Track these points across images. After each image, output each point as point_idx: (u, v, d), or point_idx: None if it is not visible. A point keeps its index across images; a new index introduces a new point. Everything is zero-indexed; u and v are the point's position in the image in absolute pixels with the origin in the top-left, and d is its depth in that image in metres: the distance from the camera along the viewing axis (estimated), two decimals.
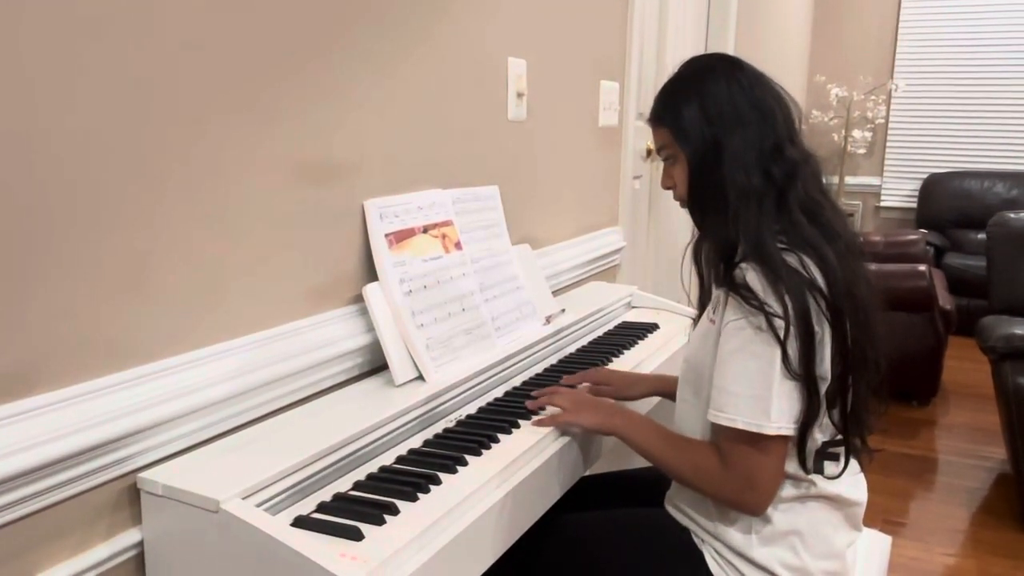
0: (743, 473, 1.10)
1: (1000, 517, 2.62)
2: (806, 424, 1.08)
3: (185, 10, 1.00)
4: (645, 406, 1.59)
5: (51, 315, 0.89)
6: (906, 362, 3.24)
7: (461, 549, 0.98)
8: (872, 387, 1.15)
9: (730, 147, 1.14)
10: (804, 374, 1.06)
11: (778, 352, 1.05)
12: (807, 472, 1.13)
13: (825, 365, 1.08)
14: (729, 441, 1.10)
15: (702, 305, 1.26)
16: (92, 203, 0.91)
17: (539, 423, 1.26)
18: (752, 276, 1.08)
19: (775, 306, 1.05)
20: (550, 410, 1.29)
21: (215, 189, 1.07)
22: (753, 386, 1.06)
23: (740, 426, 1.07)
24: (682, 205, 1.24)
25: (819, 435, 1.12)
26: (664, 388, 1.44)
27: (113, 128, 0.93)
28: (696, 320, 1.29)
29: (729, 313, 1.10)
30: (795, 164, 1.14)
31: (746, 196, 1.12)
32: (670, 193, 1.26)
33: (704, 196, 1.18)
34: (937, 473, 2.99)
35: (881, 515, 2.57)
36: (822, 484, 1.15)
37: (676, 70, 1.24)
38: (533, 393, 1.33)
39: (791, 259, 1.08)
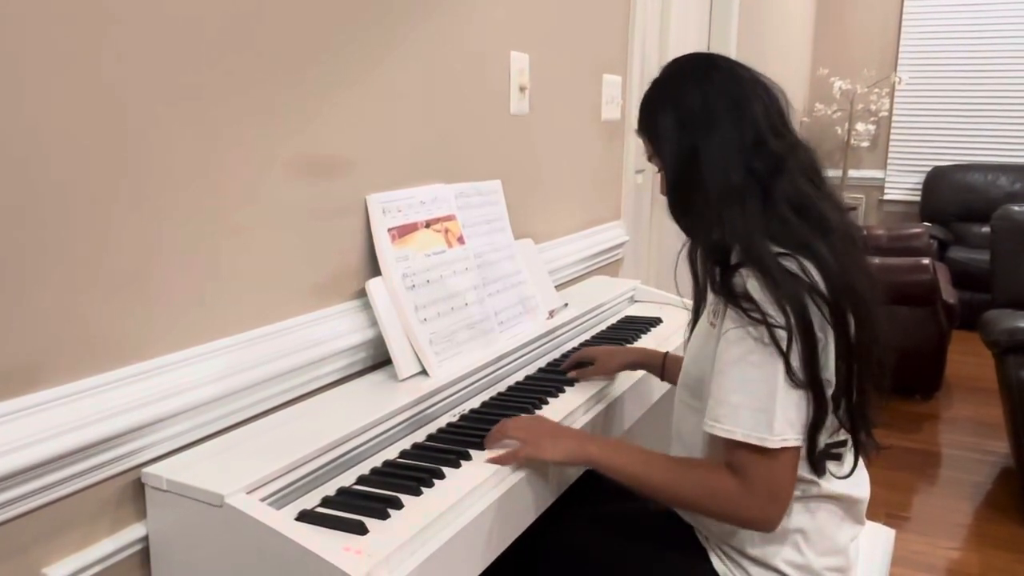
0: (765, 489, 1.04)
1: (1003, 511, 2.62)
2: (813, 429, 1.05)
3: (183, 4, 1.00)
4: (642, 405, 1.59)
5: (55, 312, 0.89)
6: (909, 356, 3.24)
7: (465, 543, 0.98)
8: (874, 382, 1.12)
9: (707, 149, 1.11)
10: (809, 381, 1.03)
11: (780, 363, 1.01)
12: (818, 474, 1.11)
13: (830, 368, 1.05)
14: (743, 459, 1.04)
15: (696, 307, 1.24)
16: (93, 200, 0.92)
17: (494, 461, 1.11)
18: (752, 284, 1.04)
19: (776, 316, 1.02)
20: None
21: (217, 185, 1.07)
22: (755, 397, 1.03)
23: (739, 438, 1.03)
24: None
25: (822, 436, 1.09)
26: (646, 360, 1.42)
27: (113, 126, 0.93)
28: (691, 322, 1.27)
29: (728, 321, 1.06)
30: (779, 157, 1.11)
31: (728, 196, 1.09)
32: None
33: (686, 201, 1.16)
34: (940, 467, 2.98)
35: (884, 509, 2.58)
36: (826, 485, 1.13)
37: (655, 76, 1.23)
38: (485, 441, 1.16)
39: (790, 264, 1.05)
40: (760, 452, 1.03)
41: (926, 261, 3.39)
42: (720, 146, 1.11)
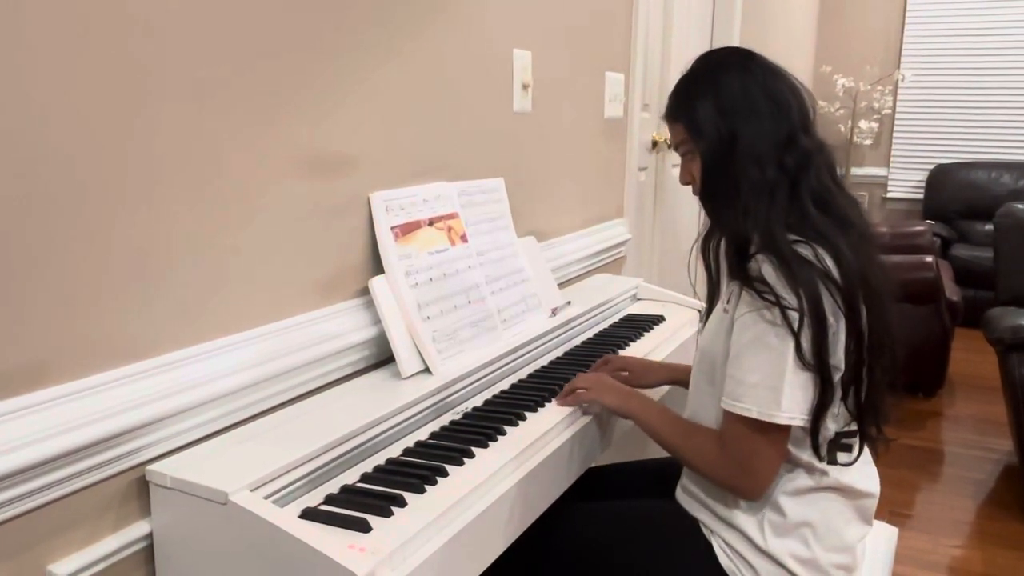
0: (738, 458, 1.12)
1: (1006, 508, 2.62)
2: (819, 413, 1.08)
3: (185, 4, 1.00)
4: (657, 391, 1.59)
5: (60, 309, 0.89)
6: (912, 354, 3.23)
7: (468, 540, 0.98)
8: (887, 375, 1.15)
9: (744, 139, 1.14)
10: (817, 364, 1.06)
11: (791, 344, 1.06)
12: (821, 461, 1.14)
13: (839, 355, 1.09)
14: (731, 427, 1.12)
15: (710, 298, 1.27)
16: (99, 198, 0.92)
17: (563, 402, 1.31)
18: (767, 269, 1.08)
19: (789, 298, 1.06)
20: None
21: (221, 183, 1.07)
22: (766, 376, 1.07)
23: (755, 415, 1.08)
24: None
25: (832, 424, 1.12)
26: (678, 376, 1.47)
27: (120, 125, 0.93)
28: (705, 313, 1.29)
29: (743, 306, 1.11)
30: (809, 154, 1.15)
31: (758, 188, 1.13)
32: (676, 184, 1.27)
33: (718, 189, 1.19)
34: (943, 465, 2.98)
35: (887, 507, 2.57)
36: (835, 474, 1.15)
37: (690, 66, 1.25)
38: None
39: (805, 251, 1.09)
40: (752, 426, 1.09)
41: (929, 259, 3.39)
42: (757, 137, 1.14)
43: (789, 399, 1.06)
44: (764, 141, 1.14)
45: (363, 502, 0.97)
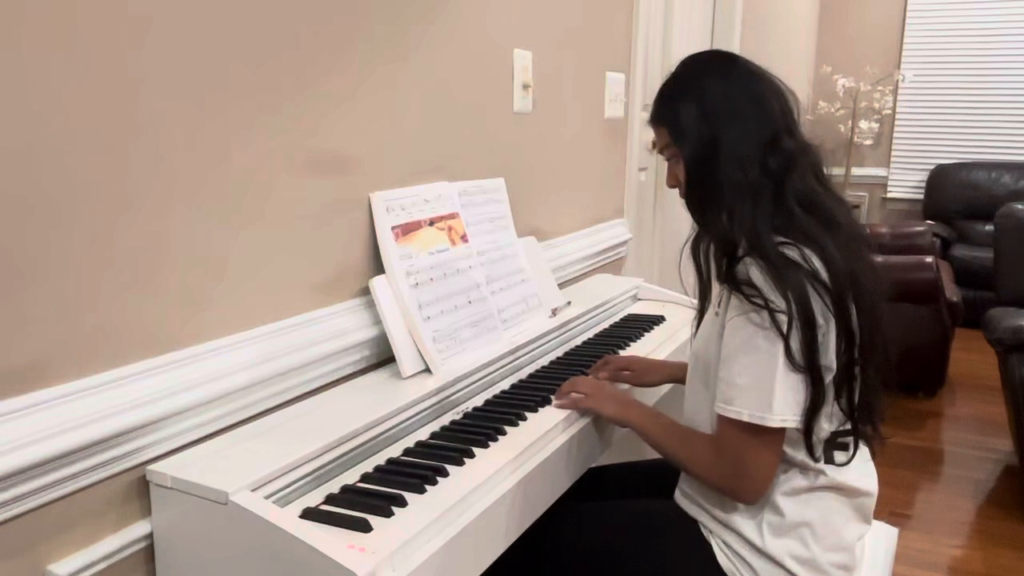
0: (733, 462, 1.12)
1: (1006, 508, 2.62)
2: (811, 414, 1.08)
3: (188, 4, 1.00)
4: (657, 391, 1.60)
5: (61, 309, 0.89)
6: (913, 354, 3.24)
7: (469, 540, 0.98)
8: (881, 374, 1.15)
9: (727, 142, 1.14)
10: (808, 366, 1.07)
11: (781, 346, 1.06)
12: (816, 461, 1.13)
13: (830, 355, 1.09)
14: (724, 431, 1.12)
15: (702, 300, 1.26)
16: (100, 197, 0.92)
17: (562, 406, 1.30)
18: (755, 272, 1.08)
19: (777, 301, 1.06)
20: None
21: (222, 182, 1.07)
22: (757, 379, 1.07)
23: (746, 418, 1.08)
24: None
25: (827, 424, 1.12)
26: (680, 375, 1.46)
27: (123, 122, 0.93)
28: (698, 315, 1.29)
29: (732, 309, 1.11)
30: (792, 156, 1.15)
31: (742, 191, 1.13)
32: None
33: (702, 193, 1.19)
34: (943, 465, 2.98)
35: (887, 507, 2.57)
36: (832, 473, 1.16)
37: (673, 70, 1.25)
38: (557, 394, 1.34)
39: (792, 252, 1.09)
40: (746, 429, 1.09)
41: (929, 259, 3.39)
42: (739, 140, 1.14)
43: (781, 401, 1.06)
44: (747, 144, 1.14)
45: (364, 502, 0.97)
